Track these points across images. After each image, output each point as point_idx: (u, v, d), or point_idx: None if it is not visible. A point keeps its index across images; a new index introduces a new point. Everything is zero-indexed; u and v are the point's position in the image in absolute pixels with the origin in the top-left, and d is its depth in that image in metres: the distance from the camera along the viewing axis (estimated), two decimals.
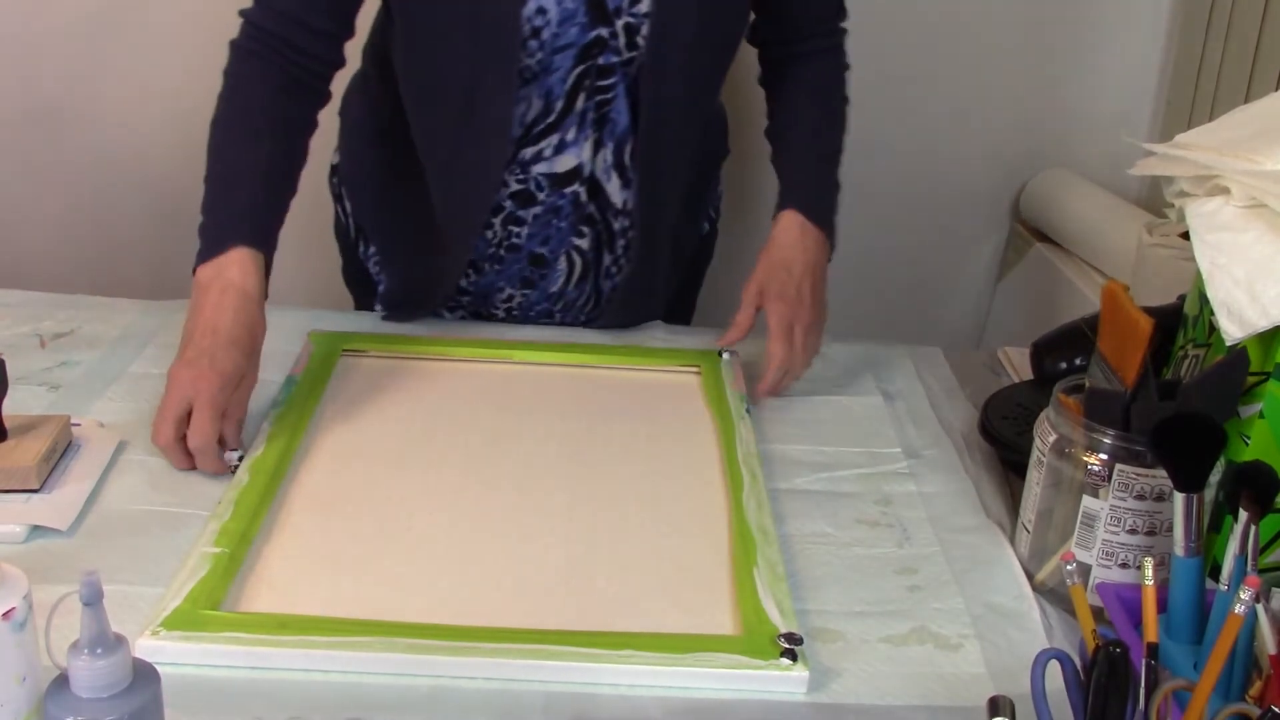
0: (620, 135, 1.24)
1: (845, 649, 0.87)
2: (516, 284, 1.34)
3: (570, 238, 1.30)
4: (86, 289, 1.40)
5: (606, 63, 1.19)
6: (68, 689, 0.63)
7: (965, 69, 2.04)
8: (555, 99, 1.21)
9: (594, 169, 1.26)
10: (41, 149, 2.06)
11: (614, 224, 1.30)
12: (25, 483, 0.97)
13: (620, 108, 1.23)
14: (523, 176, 1.25)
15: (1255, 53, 1.74)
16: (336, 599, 0.88)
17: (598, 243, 1.31)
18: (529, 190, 1.26)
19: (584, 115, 1.22)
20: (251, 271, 1.11)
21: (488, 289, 1.35)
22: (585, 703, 0.80)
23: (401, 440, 1.10)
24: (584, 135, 1.24)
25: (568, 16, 1.15)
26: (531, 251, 1.31)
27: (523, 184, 1.26)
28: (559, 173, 1.25)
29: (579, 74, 1.19)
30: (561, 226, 1.29)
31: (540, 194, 1.26)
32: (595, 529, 0.99)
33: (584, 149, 1.24)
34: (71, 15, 1.97)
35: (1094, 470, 0.89)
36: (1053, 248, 1.99)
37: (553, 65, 1.18)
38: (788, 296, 1.21)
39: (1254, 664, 0.75)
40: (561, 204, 1.27)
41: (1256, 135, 0.99)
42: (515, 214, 1.28)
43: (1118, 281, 0.95)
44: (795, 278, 1.23)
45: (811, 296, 1.23)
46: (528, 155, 1.24)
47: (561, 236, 1.30)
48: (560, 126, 1.23)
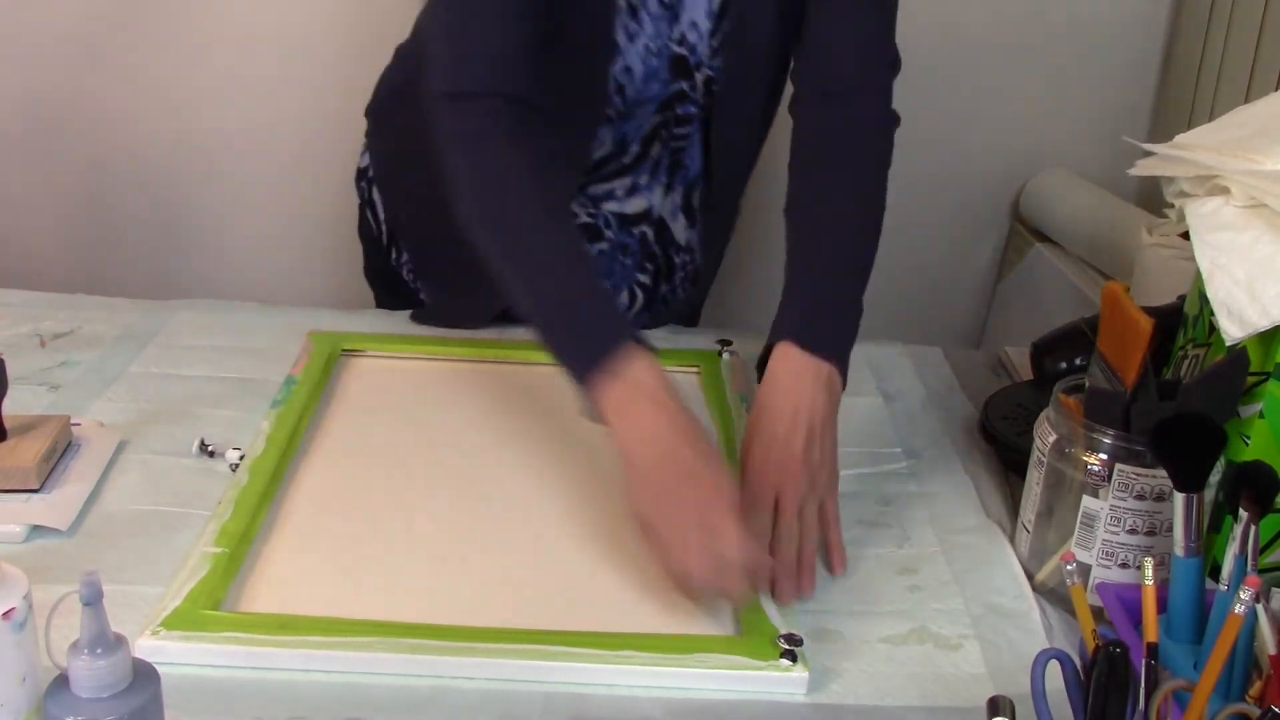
0: (691, 179, 1.26)
1: (845, 649, 0.87)
2: None
3: (634, 274, 1.31)
4: (86, 289, 1.40)
5: (684, 113, 1.20)
6: (68, 689, 0.63)
7: (965, 69, 2.04)
8: (630, 142, 1.21)
9: (662, 211, 1.27)
10: (41, 149, 2.06)
11: (675, 259, 1.31)
12: (25, 483, 0.97)
13: (694, 154, 1.24)
14: (593, 211, 1.26)
15: (1255, 53, 1.74)
16: (336, 599, 0.88)
17: (657, 277, 1.33)
18: (597, 226, 1.27)
19: (658, 162, 1.24)
20: (661, 376, 0.93)
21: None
22: (584, 703, 0.80)
23: (401, 440, 1.10)
24: (657, 180, 1.25)
25: (651, 74, 1.16)
26: None
27: (592, 219, 1.26)
28: (629, 213, 1.26)
29: (657, 123, 1.20)
30: (627, 264, 1.30)
31: (608, 231, 1.27)
32: (595, 529, 0.99)
33: (656, 193, 1.25)
34: (71, 15, 1.97)
35: (1094, 470, 0.89)
36: (1053, 248, 1.99)
37: (633, 114, 1.19)
38: (786, 468, 0.96)
39: (1254, 664, 0.75)
40: (628, 243, 1.28)
41: (1256, 135, 0.99)
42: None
43: (1118, 281, 0.95)
44: (789, 427, 0.97)
45: (808, 446, 0.97)
46: (599, 192, 1.25)
47: (626, 273, 1.31)
48: (634, 170, 1.23)
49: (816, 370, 1.00)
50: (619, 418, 0.92)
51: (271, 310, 1.34)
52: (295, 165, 2.08)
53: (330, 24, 1.98)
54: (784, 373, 1.00)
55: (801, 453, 0.96)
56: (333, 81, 2.01)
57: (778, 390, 0.99)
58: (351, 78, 2.00)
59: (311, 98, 2.03)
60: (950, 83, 2.04)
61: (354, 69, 1.99)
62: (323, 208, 2.10)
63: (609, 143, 1.21)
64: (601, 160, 1.22)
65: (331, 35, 1.98)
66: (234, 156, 2.08)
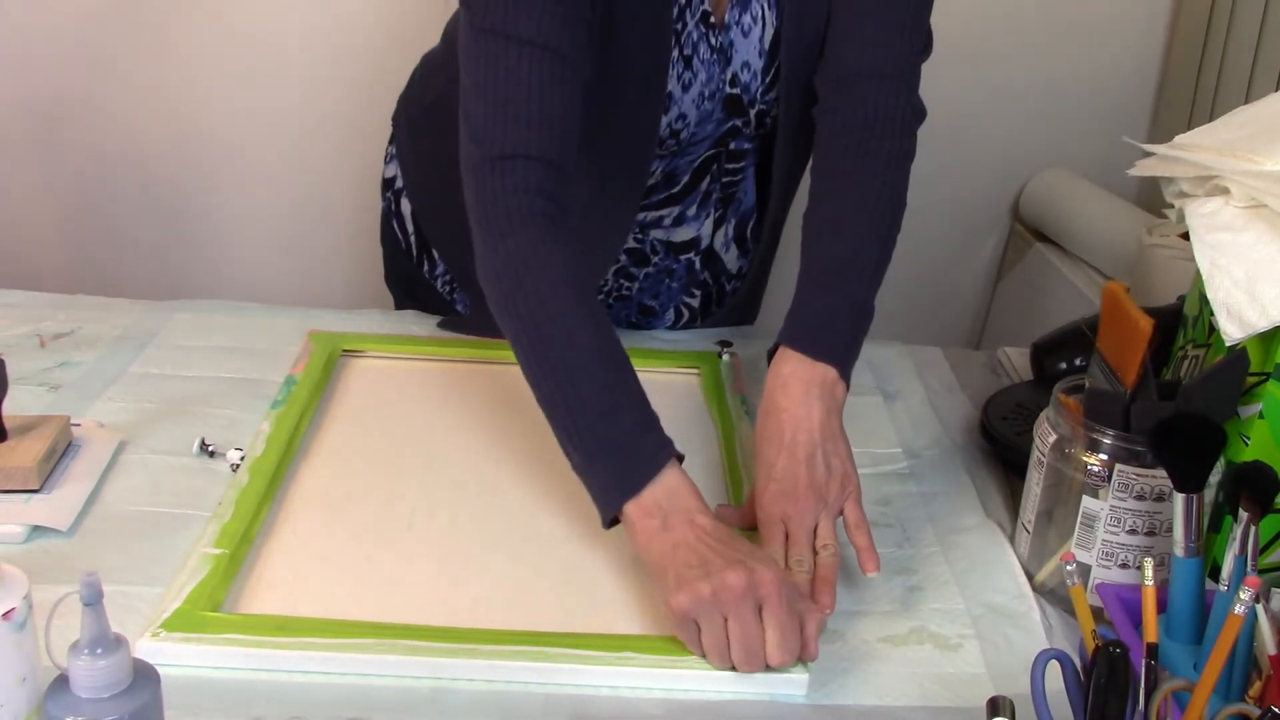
0: (744, 212, 1.26)
1: (845, 649, 0.87)
2: (623, 327, 1.35)
3: (681, 296, 1.32)
4: (86, 289, 1.40)
5: (738, 148, 1.20)
6: (68, 689, 0.63)
7: (965, 68, 2.04)
8: (680, 175, 1.21)
9: (712, 242, 1.27)
10: (42, 149, 2.06)
11: (726, 286, 1.32)
12: (25, 483, 0.97)
13: (748, 187, 1.24)
14: (640, 237, 1.26)
15: (1255, 53, 1.75)
16: (336, 600, 0.88)
17: (707, 301, 1.33)
18: (644, 251, 1.27)
19: (708, 194, 1.23)
20: (696, 493, 0.90)
21: None
22: (584, 704, 0.80)
23: (401, 441, 1.10)
24: (705, 212, 1.25)
25: (705, 116, 1.15)
26: (641, 303, 1.32)
27: (639, 244, 1.26)
28: (675, 241, 1.26)
29: (709, 157, 1.20)
30: (674, 287, 1.31)
31: (655, 257, 1.27)
32: (595, 530, 0.98)
33: (704, 224, 1.25)
34: (71, 15, 1.97)
35: (1094, 471, 0.89)
36: (1053, 248, 2.00)
37: (687, 152, 1.18)
38: (800, 493, 0.93)
39: (1254, 664, 0.75)
40: (675, 268, 1.29)
41: (1256, 135, 0.99)
42: (628, 269, 1.29)
43: (1118, 282, 0.95)
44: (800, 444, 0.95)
45: (822, 456, 0.95)
46: (646, 219, 1.24)
47: (672, 295, 1.32)
48: (682, 201, 1.23)
49: (817, 378, 0.98)
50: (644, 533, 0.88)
51: (271, 310, 1.34)
52: (295, 165, 2.08)
53: (331, 24, 1.98)
54: (782, 383, 0.99)
55: (805, 476, 0.94)
56: (333, 82, 2.01)
57: (776, 408, 0.98)
58: (352, 78, 2.01)
59: (312, 98, 2.03)
60: (950, 83, 2.04)
61: (355, 69, 2.00)
62: (323, 208, 2.10)
63: (658, 173, 1.20)
64: (652, 188, 1.21)
65: (332, 35, 1.98)
66: (234, 157, 2.08)
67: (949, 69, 2.05)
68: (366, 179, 1.47)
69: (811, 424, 0.96)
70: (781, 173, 1.20)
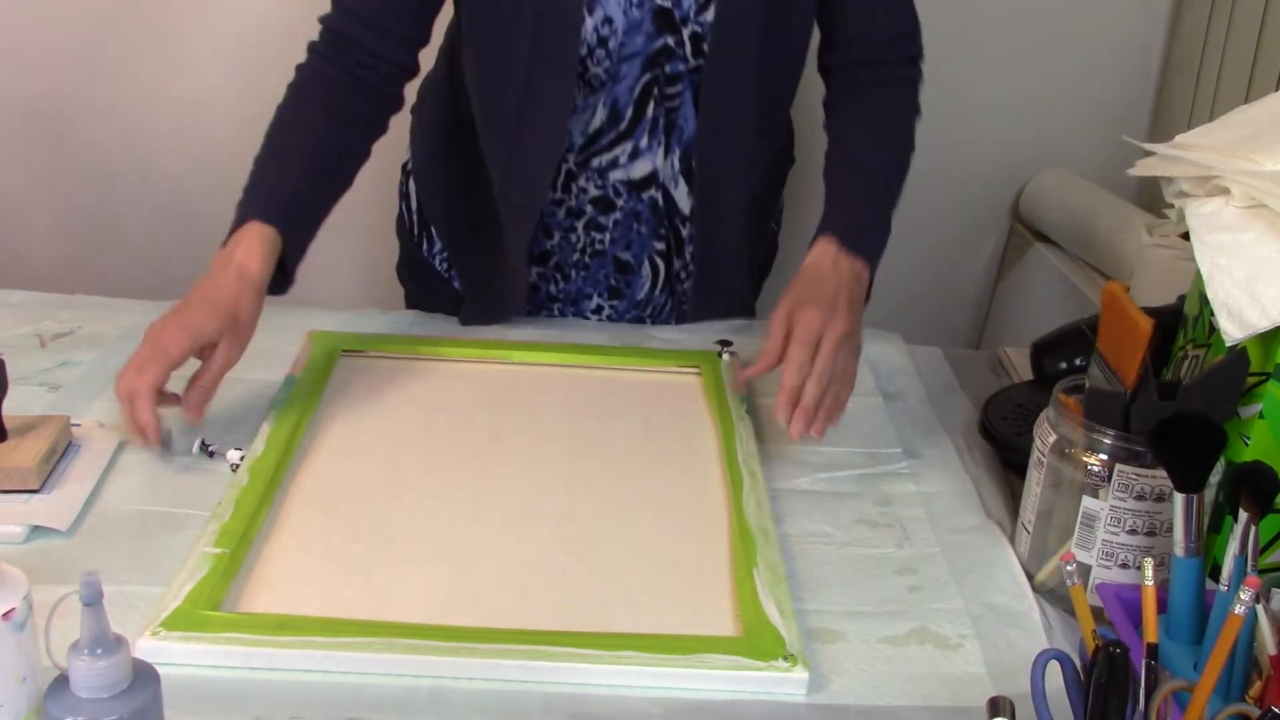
0: (687, 141, 1.26)
1: (845, 649, 0.87)
2: (604, 293, 1.36)
3: (652, 242, 1.33)
4: (86, 289, 1.40)
5: (673, 71, 1.21)
6: (68, 689, 0.63)
7: (965, 69, 2.04)
8: (623, 107, 1.23)
9: (664, 177, 1.28)
10: (43, 150, 2.06)
11: (682, 230, 1.32)
12: (25, 483, 0.97)
13: (687, 114, 1.24)
14: (601, 183, 1.28)
15: (1255, 53, 1.75)
16: (336, 599, 0.88)
17: (669, 250, 1.34)
18: (608, 197, 1.29)
19: (655, 122, 1.24)
20: (256, 251, 1.09)
21: (577, 295, 1.37)
22: (583, 703, 0.80)
23: (401, 440, 1.10)
24: (656, 141, 1.26)
25: (634, 26, 1.17)
26: (616, 257, 1.33)
27: (601, 190, 1.28)
28: (635, 179, 1.28)
29: (647, 82, 1.21)
30: (643, 232, 1.31)
31: (619, 200, 1.29)
32: (595, 530, 0.99)
33: (657, 155, 1.26)
34: (72, 15, 1.97)
35: (1094, 471, 0.89)
36: (1053, 248, 1.99)
37: (620, 74, 1.20)
38: (820, 303, 1.07)
39: (1254, 664, 0.76)
40: (640, 209, 1.30)
41: (1256, 135, 0.99)
42: (597, 220, 1.30)
43: (1118, 282, 0.95)
44: (828, 290, 1.09)
45: (848, 309, 1.08)
46: (604, 162, 1.26)
47: (643, 242, 1.33)
48: (633, 134, 1.25)
49: (853, 266, 1.13)
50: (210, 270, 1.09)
51: (271, 310, 1.34)
52: None
53: None
54: (826, 259, 1.12)
55: (825, 298, 1.07)
56: None
57: (821, 267, 1.11)
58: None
59: None
60: (950, 83, 2.04)
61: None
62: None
63: (602, 112, 1.23)
64: (599, 130, 1.24)
65: None
66: (234, 156, 2.07)
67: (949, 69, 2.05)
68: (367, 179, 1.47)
69: (850, 292, 1.11)
70: (717, 102, 1.22)
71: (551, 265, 1.35)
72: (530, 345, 1.28)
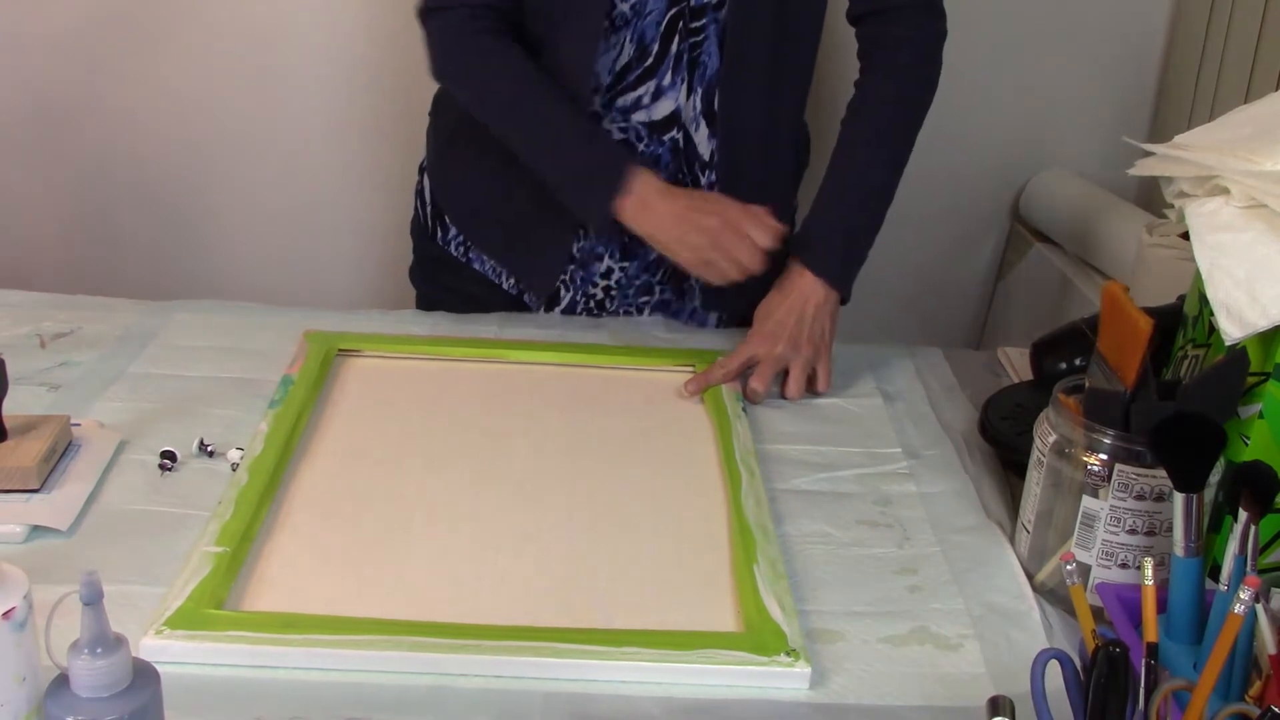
0: (710, 80, 1.27)
1: (845, 649, 0.87)
2: (615, 254, 1.35)
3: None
4: (86, 289, 1.40)
5: (698, 4, 1.23)
6: (68, 689, 0.63)
7: (965, 69, 2.04)
8: (650, 42, 1.24)
9: (686, 118, 1.29)
10: (43, 149, 2.06)
11: (702, 179, 1.32)
12: (25, 483, 0.97)
13: (711, 50, 1.25)
14: (624, 125, 1.29)
15: (1255, 53, 1.74)
16: (337, 598, 0.88)
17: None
18: (629, 141, 1.29)
19: (679, 58, 1.26)
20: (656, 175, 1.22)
21: (588, 256, 1.36)
22: (583, 702, 0.80)
23: (400, 439, 1.10)
24: (680, 78, 1.27)
25: None
26: None
27: (624, 133, 1.29)
28: (657, 120, 1.28)
29: (673, 16, 1.23)
30: (663, 178, 1.29)
31: (640, 144, 1.29)
32: (594, 527, 0.99)
33: (680, 93, 1.27)
34: (71, 15, 1.97)
35: (1094, 470, 0.89)
36: (1053, 248, 1.99)
37: (646, 8, 1.22)
38: (779, 336, 1.22)
39: (1254, 664, 0.76)
40: (660, 152, 1.30)
41: (1256, 135, 0.99)
42: None
43: (1118, 282, 0.95)
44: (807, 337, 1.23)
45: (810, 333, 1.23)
46: (627, 102, 1.28)
47: None
48: (657, 72, 1.26)
49: (821, 292, 1.24)
50: (639, 219, 1.21)
51: (271, 310, 1.34)
52: (295, 165, 2.08)
53: (332, 24, 1.98)
54: (814, 299, 1.24)
55: (792, 329, 1.22)
56: (334, 82, 2.01)
57: (787, 285, 1.24)
58: (353, 78, 2.01)
59: (312, 98, 2.03)
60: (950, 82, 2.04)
61: (355, 69, 2.00)
62: (323, 208, 2.10)
63: (629, 48, 1.25)
64: (625, 67, 1.26)
65: (333, 35, 1.98)
66: (234, 156, 2.08)
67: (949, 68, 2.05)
68: (367, 179, 1.47)
69: (813, 303, 1.23)
70: (740, 39, 1.24)
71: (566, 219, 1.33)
72: (528, 344, 1.28)
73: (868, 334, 1.39)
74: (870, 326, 1.19)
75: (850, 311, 1.30)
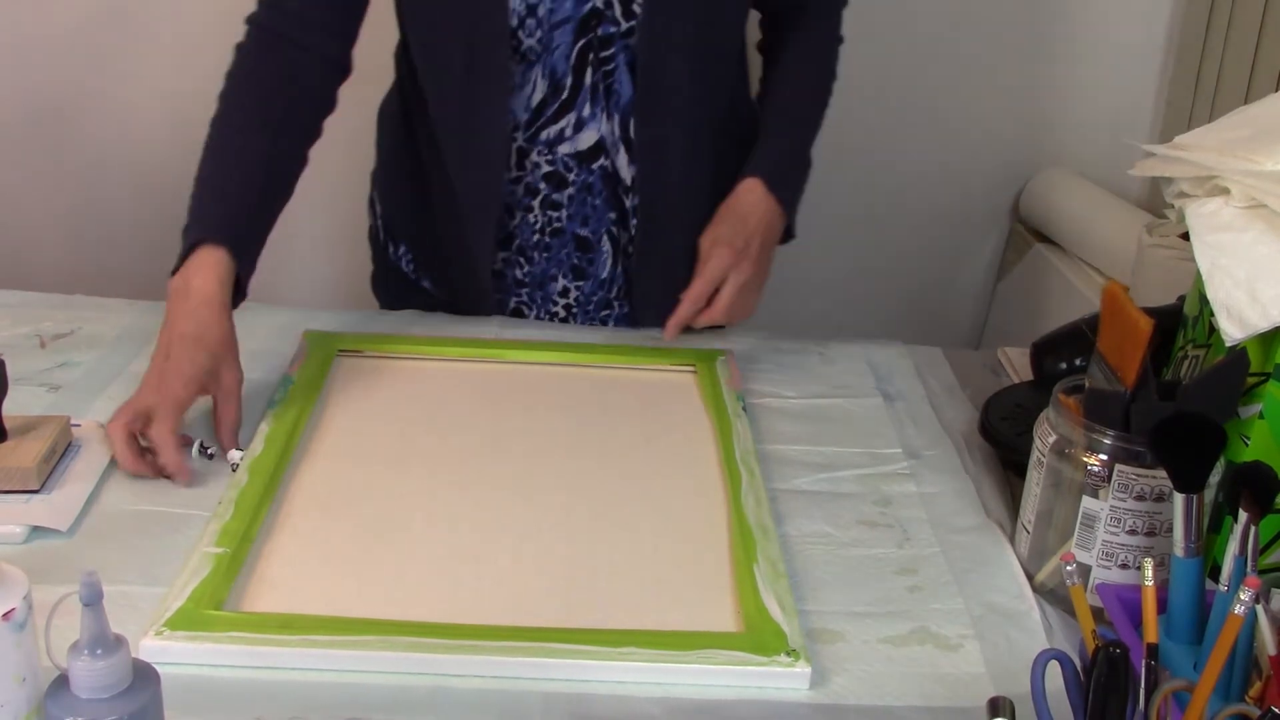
0: (624, 107, 1.26)
1: (845, 649, 0.87)
2: (569, 274, 1.35)
3: (607, 215, 1.32)
4: (86, 289, 1.40)
5: (605, 33, 1.21)
6: (68, 689, 0.63)
7: (965, 69, 2.04)
8: (561, 76, 1.23)
9: (609, 144, 1.28)
10: (42, 149, 2.06)
11: (626, 201, 1.31)
12: (25, 483, 0.97)
13: (622, 79, 1.24)
14: (551, 158, 1.28)
15: (1255, 53, 1.75)
16: (337, 598, 0.88)
17: (619, 222, 1.33)
18: (559, 172, 1.29)
19: (595, 89, 1.25)
20: (211, 276, 1.09)
21: (542, 278, 1.36)
22: (583, 702, 0.80)
23: (400, 440, 1.10)
24: (598, 109, 1.26)
25: None
26: (575, 234, 1.32)
27: (552, 165, 1.28)
28: (583, 150, 1.28)
29: (581, 48, 1.21)
30: (597, 204, 1.31)
31: (570, 174, 1.29)
32: (594, 527, 0.99)
33: (601, 123, 1.26)
34: (71, 15, 1.97)
35: (1094, 471, 0.89)
36: (1053, 248, 2.00)
37: (553, 42, 1.20)
38: (734, 245, 1.24)
39: (1254, 664, 0.76)
40: (592, 180, 1.29)
41: (1256, 136, 0.99)
42: (551, 197, 1.30)
43: (1118, 282, 0.95)
44: (747, 230, 1.26)
45: (759, 253, 1.26)
46: (550, 135, 1.27)
47: (599, 215, 1.32)
48: (575, 104, 1.25)
49: (774, 207, 1.28)
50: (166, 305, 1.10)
51: (271, 310, 1.34)
52: None
53: None
54: (750, 197, 1.28)
55: (756, 251, 1.25)
56: None
57: (744, 206, 1.27)
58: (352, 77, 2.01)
59: None
60: (951, 82, 2.05)
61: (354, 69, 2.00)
62: (323, 208, 2.10)
63: (542, 84, 1.23)
64: (542, 103, 1.25)
65: None
66: None
67: (949, 69, 2.06)
68: (364, 180, 1.47)
69: (765, 218, 1.27)
70: (651, 69, 1.22)
71: (514, 249, 1.34)
72: (527, 344, 1.28)
73: (868, 334, 1.38)
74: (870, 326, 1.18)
75: (850, 311, 1.31)
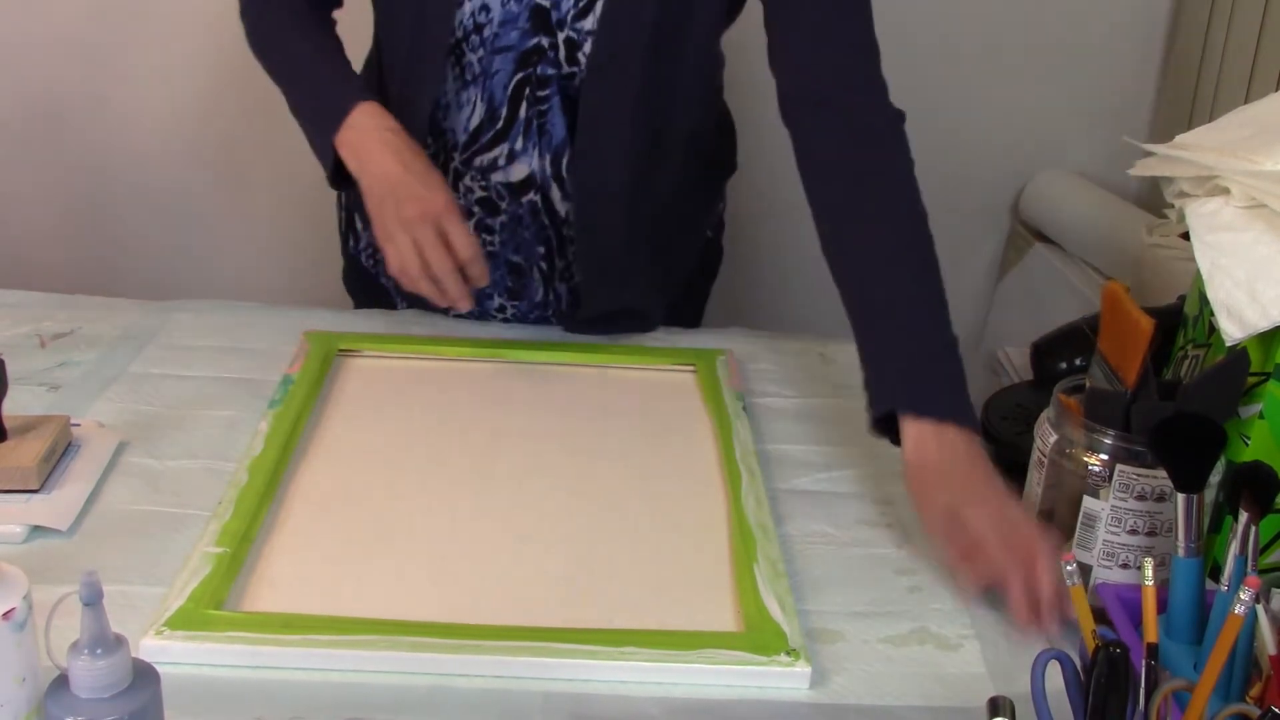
0: (556, 147, 1.23)
1: (845, 649, 0.87)
2: (504, 293, 1.34)
3: (536, 247, 1.30)
4: (86, 289, 1.40)
5: (543, 74, 1.19)
6: (68, 689, 0.63)
7: (965, 69, 2.04)
8: (498, 105, 1.21)
9: (540, 180, 1.25)
10: (42, 149, 2.06)
11: (564, 233, 1.29)
12: (25, 483, 0.97)
13: (555, 120, 1.22)
14: (485, 184, 1.26)
15: (1255, 53, 1.75)
16: (337, 598, 0.88)
17: (550, 253, 1.31)
18: (492, 199, 1.27)
19: (529, 124, 1.23)
20: (384, 114, 1.15)
21: (479, 295, 1.32)
22: (583, 703, 0.80)
23: (400, 439, 1.10)
24: (531, 144, 1.23)
25: (510, 19, 1.16)
26: (508, 259, 1.31)
27: (485, 191, 1.27)
28: (514, 182, 1.25)
29: (519, 80, 1.20)
30: (527, 237, 1.29)
31: (502, 203, 1.27)
32: (594, 527, 0.99)
33: (533, 158, 1.24)
34: (71, 15, 1.97)
35: (1094, 471, 0.89)
36: (1053, 248, 1.99)
37: (493, 67, 1.19)
38: (972, 501, 0.92)
39: (1254, 664, 0.76)
40: (522, 213, 1.27)
41: (1256, 135, 0.99)
42: (485, 221, 1.28)
43: (1118, 281, 0.95)
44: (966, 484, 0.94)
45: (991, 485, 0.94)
46: (484, 162, 1.25)
47: (529, 247, 1.30)
48: (508, 135, 1.23)
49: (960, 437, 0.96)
50: (349, 160, 1.14)
51: (271, 310, 1.34)
52: (295, 165, 2.07)
53: None
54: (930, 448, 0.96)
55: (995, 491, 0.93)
56: None
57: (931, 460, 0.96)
58: None
59: None
60: (950, 83, 2.04)
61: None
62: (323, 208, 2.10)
63: (479, 108, 1.22)
64: (478, 129, 1.23)
65: None
66: (234, 156, 2.08)
67: (949, 69, 2.06)
68: None
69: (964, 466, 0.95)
70: (590, 115, 1.19)
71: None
72: (528, 344, 1.28)
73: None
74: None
75: None
